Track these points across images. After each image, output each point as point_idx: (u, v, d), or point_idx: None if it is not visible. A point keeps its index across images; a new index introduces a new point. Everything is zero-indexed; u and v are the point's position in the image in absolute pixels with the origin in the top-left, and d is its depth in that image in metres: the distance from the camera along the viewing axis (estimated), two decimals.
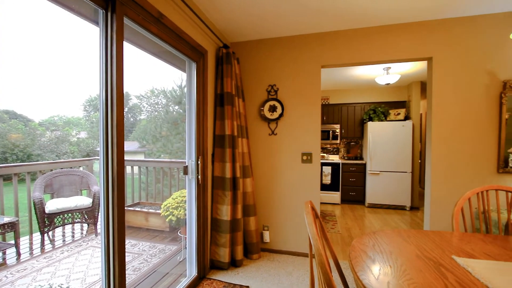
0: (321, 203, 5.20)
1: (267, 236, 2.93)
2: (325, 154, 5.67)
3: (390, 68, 4.03)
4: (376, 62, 2.62)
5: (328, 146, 5.84)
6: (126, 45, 1.85)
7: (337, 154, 5.77)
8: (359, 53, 2.62)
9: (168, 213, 2.91)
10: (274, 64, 2.87)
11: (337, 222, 4.05)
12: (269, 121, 2.89)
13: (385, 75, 4.13)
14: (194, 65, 2.27)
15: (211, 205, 2.54)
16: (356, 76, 4.51)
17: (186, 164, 2.28)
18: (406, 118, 4.97)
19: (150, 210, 3.61)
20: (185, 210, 2.70)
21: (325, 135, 5.46)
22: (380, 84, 4.83)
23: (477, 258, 1.14)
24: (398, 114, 4.95)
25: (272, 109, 2.85)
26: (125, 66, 1.41)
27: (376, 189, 4.88)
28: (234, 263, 2.58)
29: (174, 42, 1.93)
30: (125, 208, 3.90)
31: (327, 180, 5.14)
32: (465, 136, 2.38)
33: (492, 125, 2.32)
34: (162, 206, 3.03)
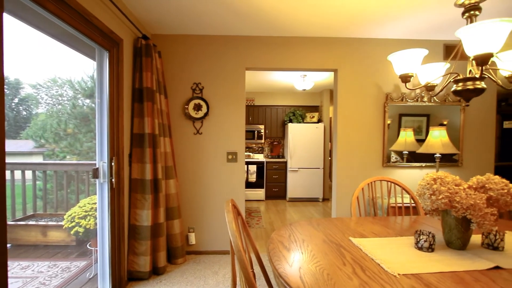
0: (247, 200, 5.40)
1: (192, 238, 2.85)
2: (250, 153, 5.91)
3: (306, 76, 4.50)
4: (293, 69, 2.88)
5: (254, 145, 6.11)
6: (13, 21, 1.51)
7: (262, 153, 6.09)
8: (280, 59, 2.83)
9: (73, 224, 2.50)
10: (200, 62, 2.82)
11: (261, 217, 4.28)
12: (194, 120, 2.82)
13: (302, 81, 4.59)
14: (106, 54, 2.02)
15: (128, 211, 2.31)
16: (278, 80, 4.85)
17: (97, 166, 2.01)
18: (319, 121, 5.65)
19: (50, 223, 3.02)
20: (96, 219, 2.38)
21: (250, 135, 5.68)
22: (298, 89, 5.34)
23: (367, 237, 1.39)
24: (313, 117, 5.58)
25: (197, 107, 2.80)
26: (12, 47, 1.14)
27: (295, 184, 5.38)
28: (156, 271, 2.42)
29: (80, 26, 1.67)
30: (11, 223, 3.15)
31: (253, 178, 5.37)
32: (362, 136, 2.87)
33: (380, 128, 2.88)
34: (65, 217, 2.58)
